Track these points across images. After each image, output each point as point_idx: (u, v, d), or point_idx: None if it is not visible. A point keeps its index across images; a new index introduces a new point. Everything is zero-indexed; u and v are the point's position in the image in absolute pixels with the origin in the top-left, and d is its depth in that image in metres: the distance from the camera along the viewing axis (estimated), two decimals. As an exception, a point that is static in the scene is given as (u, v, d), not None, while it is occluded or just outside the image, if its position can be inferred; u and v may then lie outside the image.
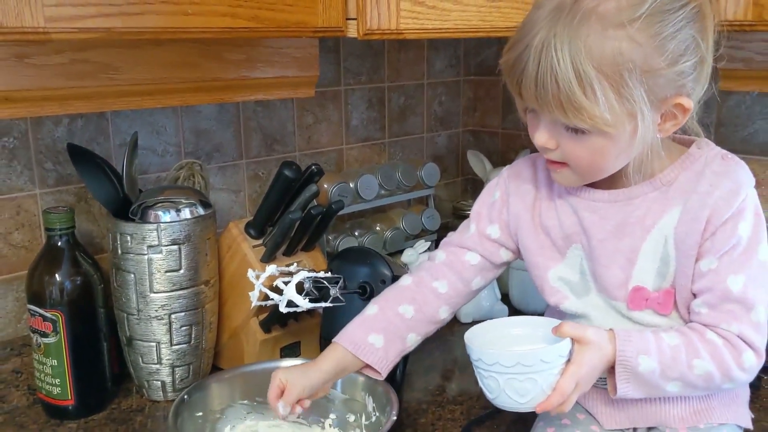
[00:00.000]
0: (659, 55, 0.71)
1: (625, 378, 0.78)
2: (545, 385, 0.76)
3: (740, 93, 1.25)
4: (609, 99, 0.70)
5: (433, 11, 0.94)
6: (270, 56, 1.07)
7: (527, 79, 0.72)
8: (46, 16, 0.71)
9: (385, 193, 1.40)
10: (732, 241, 0.77)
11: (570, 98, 0.70)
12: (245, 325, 1.08)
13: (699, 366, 0.77)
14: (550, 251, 0.87)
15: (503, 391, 0.77)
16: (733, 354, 0.78)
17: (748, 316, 0.78)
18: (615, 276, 0.83)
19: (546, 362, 0.75)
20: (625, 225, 0.81)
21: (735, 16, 0.93)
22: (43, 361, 0.98)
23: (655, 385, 0.78)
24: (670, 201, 0.80)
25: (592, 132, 0.73)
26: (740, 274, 0.77)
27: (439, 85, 1.59)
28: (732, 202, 0.77)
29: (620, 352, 0.77)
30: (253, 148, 1.29)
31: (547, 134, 0.77)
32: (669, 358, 0.77)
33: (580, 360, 0.76)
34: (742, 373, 0.78)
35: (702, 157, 0.80)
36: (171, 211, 1.00)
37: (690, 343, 0.78)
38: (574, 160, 0.78)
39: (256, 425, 0.95)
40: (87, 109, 0.92)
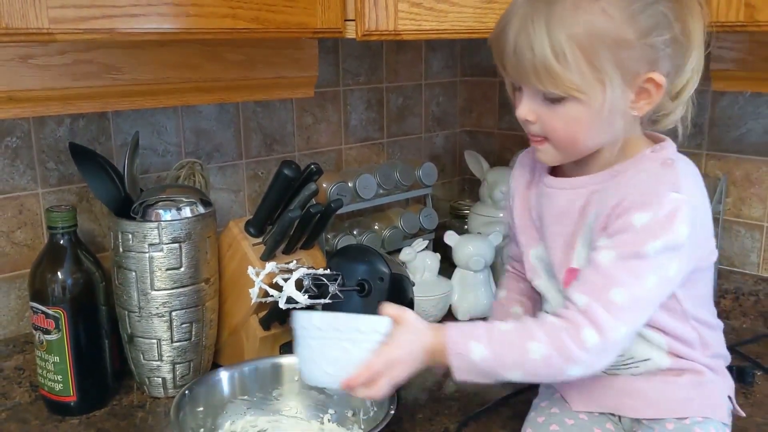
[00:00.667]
0: (629, 27, 0.75)
1: (461, 367, 0.79)
2: (356, 358, 0.75)
3: (733, 93, 1.27)
4: (580, 65, 0.75)
5: (430, 12, 0.96)
6: (270, 57, 1.08)
7: (508, 49, 0.77)
8: (50, 17, 0.73)
9: (383, 193, 1.42)
10: (623, 227, 0.78)
11: (544, 64, 0.75)
12: (245, 322, 1.10)
13: (534, 349, 0.77)
14: (532, 232, 0.92)
15: (314, 360, 0.76)
16: (571, 333, 0.77)
17: (606, 292, 0.77)
18: (557, 258, 0.87)
19: (361, 332, 0.75)
20: (568, 212, 0.85)
21: (727, 17, 0.95)
22: (46, 357, 1.00)
23: (493, 372, 0.79)
24: (604, 193, 0.82)
25: (567, 100, 0.77)
26: (613, 251, 0.77)
27: (436, 85, 1.61)
28: (639, 197, 0.78)
29: (450, 338, 0.79)
30: (253, 148, 1.30)
31: (528, 107, 0.80)
32: (500, 343, 0.78)
33: (395, 340, 0.77)
34: (584, 353, 0.76)
35: (648, 160, 0.82)
36: (172, 209, 1.01)
37: (524, 327, 0.79)
38: (552, 132, 0.81)
39: (255, 420, 0.96)
40: (90, 109, 0.94)
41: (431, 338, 0.79)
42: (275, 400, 0.98)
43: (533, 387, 1.04)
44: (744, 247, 1.32)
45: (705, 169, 1.33)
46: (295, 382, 0.98)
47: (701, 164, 1.33)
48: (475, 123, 1.68)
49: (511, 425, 0.97)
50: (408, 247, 1.33)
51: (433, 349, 0.79)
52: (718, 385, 0.88)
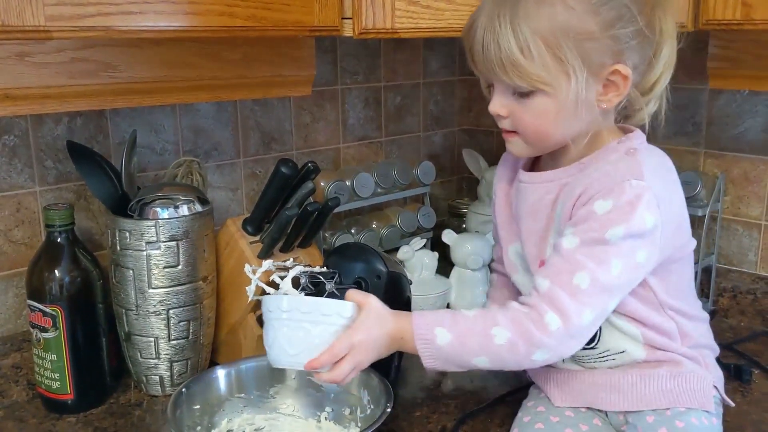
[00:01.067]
0: (592, 19, 0.77)
1: (428, 354, 0.81)
2: (318, 340, 0.76)
3: (730, 92, 1.27)
4: (544, 58, 0.77)
5: (427, 11, 0.96)
6: (267, 55, 1.08)
7: (476, 45, 0.80)
8: (46, 14, 0.73)
9: (381, 191, 1.42)
10: (585, 215, 0.79)
11: (510, 58, 0.77)
12: (243, 320, 1.10)
13: (498, 334, 0.79)
14: (512, 227, 0.93)
15: (278, 341, 0.77)
16: (533, 318, 0.78)
17: (569, 277, 0.78)
18: (531, 252, 0.88)
19: (324, 314, 0.76)
20: (539, 206, 0.87)
21: (724, 16, 0.95)
22: (43, 355, 1.00)
23: (460, 359, 0.81)
24: (574, 185, 0.83)
25: (535, 94, 0.79)
26: (577, 237, 0.79)
27: (434, 84, 1.61)
28: (600, 185, 0.79)
29: (416, 325, 0.80)
30: (251, 146, 1.30)
31: (499, 102, 0.83)
32: (464, 328, 0.80)
33: (358, 325, 0.79)
34: (547, 338, 0.78)
35: (613, 151, 0.84)
36: (169, 207, 1.01)
37: (487, 313, 0.81)
38: (522, 126, 0.83)
39: (252, 418, 0.96)
40: (87, 107, 0.94)
41: (395, 324, 0.81)
42: (272, 398, 0.98)
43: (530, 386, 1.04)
44: (742, 246, 1.32)
45: (703, 167, 1.33)
46: (292, 380, 0.98)
47: (699, 163, 1.33)
48: (474, 122, 1.68)
49: (508, 423, 0.97)
50: (406, 246, 1.33)
51: (398, 335, 0.81)
52: (700, 375, 0.87)
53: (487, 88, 0.87)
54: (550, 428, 0.86)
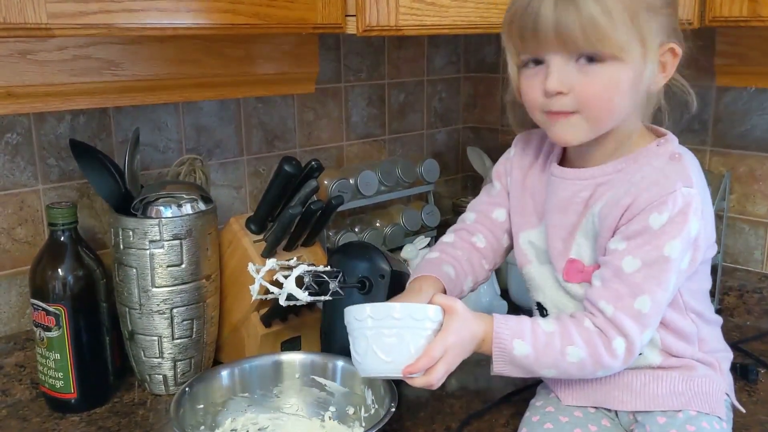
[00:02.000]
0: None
1: (501, 361, 0.81)
2: (412, 346, 0.76)
3: (737, 89, 1.26)
4: (626, 24, 0.75)
5: (431, 8, 0.95)
6: (270, 52, 1.08)
7: (545, 15, 0.75)
8: (48, 12, 0.72)
9: (385, 190, 1.41)
10: (640, 229, 0.78)
11: (593, 22, 0.74)
12: (246, 319, 1.09)
13: (572, 353, 0.80)
14: (528, 215, 0.92)
15: (371, 349, 0.77)
16: (604, 341, 0.80)
17: (631, 301, 0.79)
18: (556, 247, 0.87)
19: (415, 319, 0.76)
20: (571, 203, 0.85)
21: (731, 12, 0.94)
22: (46, 354, 0.99)
23: (530, 369, 0.82)
24: (611, 187, 0.83)
25: (607, 61, 0.76)
26: (638, 258, 0.78)
27: (438, 82, 1.60)
28: (654, 196, 0.78)
29: (496, 333, 0.80)
30: (254, 144, 1.30)
31: (559, 78, 0.78)
32: (543, 344, 0.80)
33: (448, 328, 0.79)
34: (613, 360, 0.80)
35: (654, 154, 0.83)
36: (172, 206, 1.01)
37: (566, 329, 0.81)
38: (587, 101, 0.78)
39: (256, 417, 0.96)
40: (89, 105, 0.93)
41: (480, 327, 0.81)
42: (276, 397, 0.97)
43: (535, 385, 1.03)
44: (748, 244, 1.31)
45: (709, 165, 1.32)
46: (296, 379, 0.98)
47: (705, 160, 1.32)
48: (478, 119, 1.67)
49: (513, 423, 0.97)
50: (410, 245, 1.32)
51: (480, 338, 0.81)
52: (713, 380, 0.87)
53: (518, 70, 0.82)
54: (560, 428, 0.86)
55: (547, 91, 0.78)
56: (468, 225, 0.98)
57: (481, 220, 0.98)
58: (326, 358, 0.98)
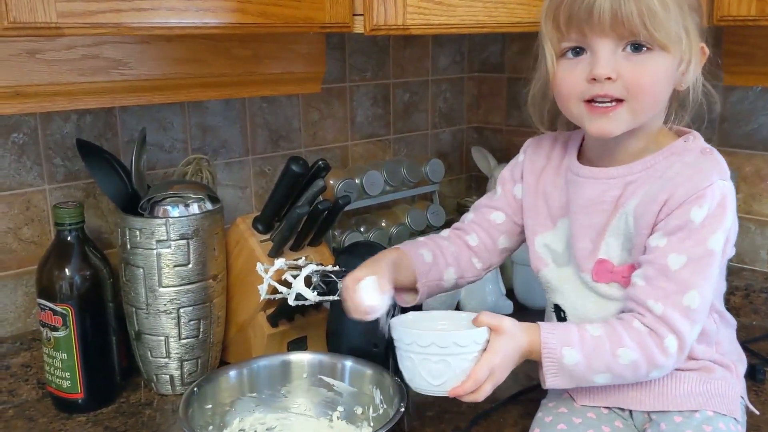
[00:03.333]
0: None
1: (553, 371, 0.80)
2: (458, 369, 0.78)
3: (743, 88, 1.26)
4: (676, 15, 0.77)
5: (439, 7, 0.95)
6: (277, 52, 1.08)
7: (600, 2, 0.76)
8: (58, 11, 0.72)
9: (390, 189, 1.41)
10: (682, 224, 0.78)
11: (650, 9, 0.76)
12: (252, 319, 1.09)
13: (624, 355, 0.79)
14: (542, 218, 0.92)
15: (418, 372, 0.79)
16: (655, 340, 0.79)
17: (680, 297, 0.78)
18: (584, 248, 0.86)
19: (460, 346, 0.77)
20: (599, 202, 0.85)
21: (738, 12, 0.94)
22: (53, 354, 0.99)
23: (582, 376, 0.81)
24: (643, 185, 0.83)
25: (654, 51, 0.78)
26: (683, 254, 0.78)
27: (443, 81, 1.60)
28: (691, 189, 0.78)
29: (544, 343, 0.79)
30: (259, 144, 1.29)
31: (608, 66, 0.78)
32: (592, 349, 0.79)
33: (494, 348, 0.78)
34: (666, 359, 0.79)
35: (682, 150, 0.83)
36: (179, 205, 1.00)
37: (613, 332, 0.80)
38: (635, 88, 0.78)
39: (264, 418, 0.95)
40: (97, 105, 0.93)
41: (527, 341, 0.80)
42: (284, 397, 0.97)
43: (543, 384, 1.03)
44: (754, 244, 1.31)
45: (714, 165, 1.32)
46: (304, 379, 0.98)
47: (711, 160, 1.32)
48: (483, 119, 1.67)
49: (521, 423, 0.97)
50: (415, 244, 1.32)
51: (527, 350, 0.80)
52: (729, 382, 0.88)
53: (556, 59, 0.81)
54: (573, 429, 0.85)
55: (597, 76, 0.78)
56: (464, 224, 0.99)
57: (478, 220, 0.98)
58: (334, 357, 0.98)
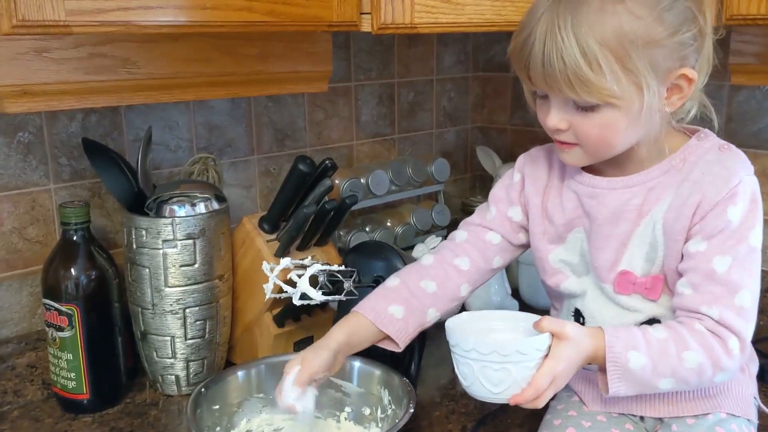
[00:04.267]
0: (659, 26, 0.73)
1: (618, 376, 0.78)
2: (520, 377, 0.76)
3: (750, 88, 1.25)
4: (615, 71, 0.73)
5: (447, 5, 0.95)
6: (283, 51, 1.07)
7: (534, 61, 0.75)
8: (66, 9, 0.71)
9: (395, 189, 1.41)
10: (721, 225, 0.78)
11: (577, 74, 0.73)
12: (259, 319, 1.09)
13: (690, 359, 0.77)
14: (550, 237, 0.90)
15: (477, 379, 0.78)
16: (719, 342, 0.78)
17: (731, 299, 0.78)
18: (606, 259, 0.85)
19: (522, 354, 0.75)
20: (622, 211, 0.84)
21: (748, 11, 0.94)
22: (59, 355, 0.99)
23: (647, 382, 0.78)
24: (665, 189, 0.82)
25: (602, 106, 0.76)
26: (727, 255, 0.78)
27: (448, 81, 1.59)
28: (722, 188, 0.78)
29: (609, 347, 0.77)
30: (265, 143, 1.29)
31: (558, 116, 0.79)
32: (658, 352, 0.77)
33: (557, 355, 0.76)
34: (731, 361, 0.78)
35: (699, 149, 0.82)
36: (186, 205, 1.00)
37: (678, 335, 0.78)
38: (585, 139, 0.79)
39: (271, 418, 0.95)
40: (104, 104, 0.93)
41: (591, 347, 0.78)
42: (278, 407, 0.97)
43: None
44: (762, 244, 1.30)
45: (721, 164, 1.31)
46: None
47: (717, 160, 1.31)
48: (487, 119, 1.67)
49: (528, 424, 0.97)
50: (421, 244, 1.32)
51: (591, 355, 0.78)
52: (742, 382, 0.87)
53: (532, 97, 0.83)
54: None
55: (548, 127, 0.81)
56: (456, 245, 0.94)
57: (472, 240, 0.94)
58: (341, 358, 0.98)
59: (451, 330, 0.80)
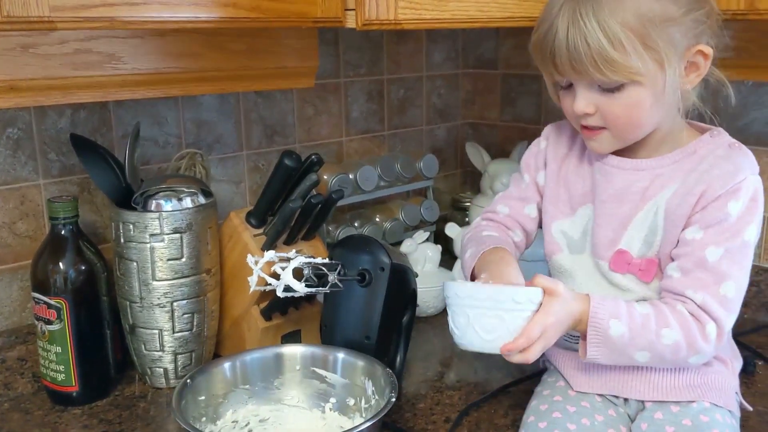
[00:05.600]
0: (673, 5, 0.78)
1: (596, 342, 0.82)
2: (512, 326, 0.79)
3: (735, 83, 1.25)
4: (637, 49, 0.77)
5: (430, 2, 0.96)
6: (270, 46, 1.08)
7: (559, 49, 0.79)
8: (51, 5, 0.72)
9: (384, 185, 1.42)
10: (719, 217, 0.81)
11: (602, 54, 0.77)
12: (246, 313, 1.10)
13: (667, 335, 0.81)
14: (562, 205, 0.94)
15: (471, 327, 0.80)
16: (698, 325, 0.81)
17: (716, 287, 0.81)
18: (605, 236, 0.88)
19: (517, 302, 0.78)
20: (627, 192, 0.87)
21: (728, 5, 0.95)
22: (48, 348, 1.00)
23: (624, 351, 0.82)
24: (672, 177, 0.85)
25: (627, 85, 0.80)
26: (720, 246, 0.81)
27: (438, 77, 1.60)
28: (727, 182, 0.81)
29: (593, 313, 0.81)
30: (254, 139, 1.30)
31: (585, 101, 0.83)
32: (639, 325, 0.81)
33: (548, 309, 0.79)
34: (706, 345, 0.81)
35: (711, 144, 0.86)
36: (173, 199, 1.01)
37: (660, 312, 0.82)
38: (612, 120, 0.83)
39: (257, 409, 0.96)
40: (90, 99, 0.94)
41: (578, 310, 0.82)
42: (277, 389, 0.98)
43: (534, 376, 1.04)
44: (746, 238, 1.31)
45: (706, 159, 1.32)
46: (296, 371, 0.98)
47: (703, 155, 1.32)
48: (477, 115, 1.68)
49: (512, 414, 0.98)
50: (409, 239, 1.33)
51: (577, 317, 0.82)
52: (726, 376, 0.89)
53: (555, 89, 0.86)
54: (567, 417, 0.86)
55: (575, 113, 0.84)
56: (503, 218, 1.00)
57: (515, 215, 0.99)
58: (327, 350, 0.99)
59: (449, 283, 0.82)
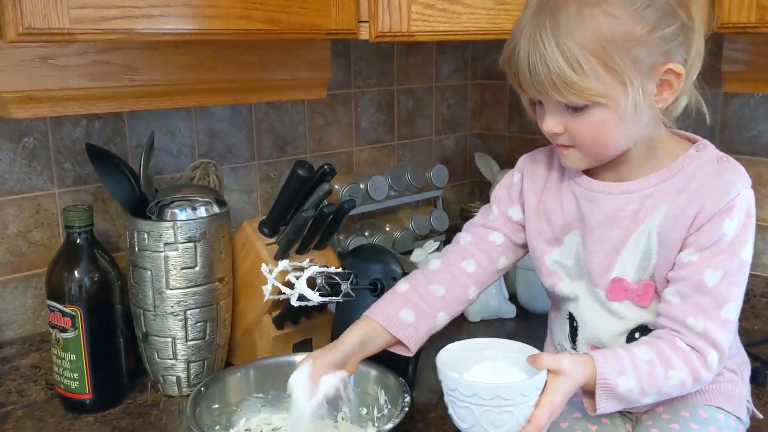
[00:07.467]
0: (636, 24, 0.75)
1: (605, 398, 0.79)
2: (521, 417, 0.77)
3: (744, 95, 1.27)
4: (597, 71, 0.75)
5: (443, 14, 0.97)
6: (282, 58, 1.09)
7: (522, 68, 0.78)
8: (71, 17, 0.74)
9: (394, 194, 1.42)
10: (715, 238, 0.79)
11: (561, 77, 0.75)
12: (258, 321, 1.10)
13: (674, 377, 0.79)
14: (547, 238, 0.91)
15: (478, 422, 0.77)
16: (699, 358, 0.80)
17: (717, 311, 0.79)
18: (599, 263, 0.86)
19: (524, 395, 0.76)
20: (617, 216, 0.85)
21: (738, 19, 0.95)
22: (62, 355, 1.00)
23: (634, 400, 0.80)
24: (662, 198, 0.83)
25: (591, 106, 0.78)
26: (719, 269, 0.79)
27: (447, 88, 1.61)
28: (720, 201, 0.79)
29: (600, 374, 0.78)
30: (265, 149, 1.31)
31: (553, 120, 0.81)
32: (646, 374, 0.79)
33: (554, 390, 0.77)
34: (708, 374, 0.81)
35: (698, 159, 0.83)
36: (187, 209, 1.02)
37: (662, 354, 0.79)
38: (579, 139, 0.81)
39: (270, 418, 0.97)
40: (107, 109, 0.95)
41: (583, 374, 0.79)
42: (289, 397, 0.98)
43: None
44: (756, 250, 1.28)
45: (716, 170, 1.33)
46: (308, 380, 0.99)
47: (712, 166, 1.33)
48: (486, 126, 1.68)
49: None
50: (419, 249, 1.34)
51: (583, 383, 0.79)
52: (737, 385, 0.89)
53: (530, 106, 0.85)
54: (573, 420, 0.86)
55: (544, 132, 0.83)
56: (461, 247, 0.96)
57: (476, 242, 0.95)
58: (338, 359, 0.99)
59: (447, 371, 0.78)
